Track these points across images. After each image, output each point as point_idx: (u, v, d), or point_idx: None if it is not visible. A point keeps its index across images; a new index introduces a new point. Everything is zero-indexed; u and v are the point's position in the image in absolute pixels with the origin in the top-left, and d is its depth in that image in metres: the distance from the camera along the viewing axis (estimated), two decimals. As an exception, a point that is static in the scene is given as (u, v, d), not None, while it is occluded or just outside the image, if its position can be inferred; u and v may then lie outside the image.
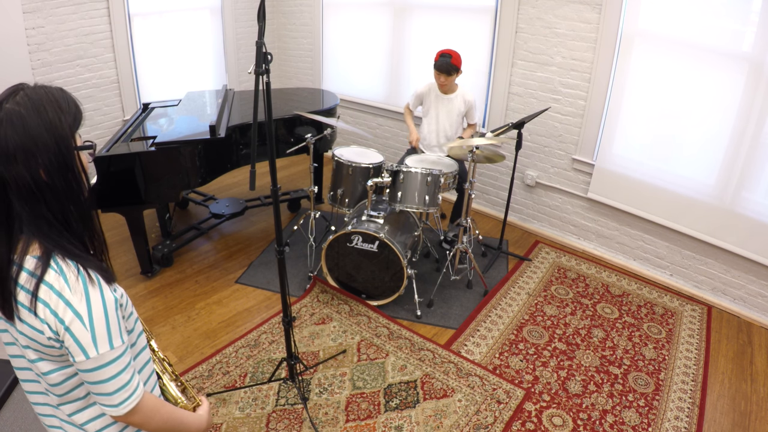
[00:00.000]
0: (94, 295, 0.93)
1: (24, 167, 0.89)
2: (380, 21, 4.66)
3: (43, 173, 0.91)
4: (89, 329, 0.92)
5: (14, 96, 0.91)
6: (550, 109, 3.73)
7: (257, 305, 3.12)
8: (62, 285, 0.91)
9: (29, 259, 0.93)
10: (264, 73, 1.75)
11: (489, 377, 2.62)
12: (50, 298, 0.91)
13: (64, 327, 0.91)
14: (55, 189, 0.93)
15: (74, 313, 0.91)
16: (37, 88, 0.94)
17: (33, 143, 0.89)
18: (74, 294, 0.91)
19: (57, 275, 0.92)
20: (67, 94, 0.99)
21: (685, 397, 2.56)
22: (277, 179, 2.00)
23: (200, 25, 4.91)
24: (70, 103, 0.97)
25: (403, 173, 2.99)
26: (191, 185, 3.22)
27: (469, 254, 3.27)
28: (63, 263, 0.93)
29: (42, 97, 0.93)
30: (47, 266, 0.92)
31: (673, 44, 3.13)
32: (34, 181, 0.90)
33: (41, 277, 0.91)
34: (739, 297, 3.26)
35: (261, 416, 2.34)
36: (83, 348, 0.92)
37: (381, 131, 5.01)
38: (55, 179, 0.92)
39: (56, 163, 0.92)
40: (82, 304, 0.91)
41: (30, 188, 0.90)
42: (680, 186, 3.33)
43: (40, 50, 3.71)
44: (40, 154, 0.90)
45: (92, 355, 0.92)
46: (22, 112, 0.89)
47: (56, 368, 0.98)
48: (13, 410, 1.61)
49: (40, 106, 0.91)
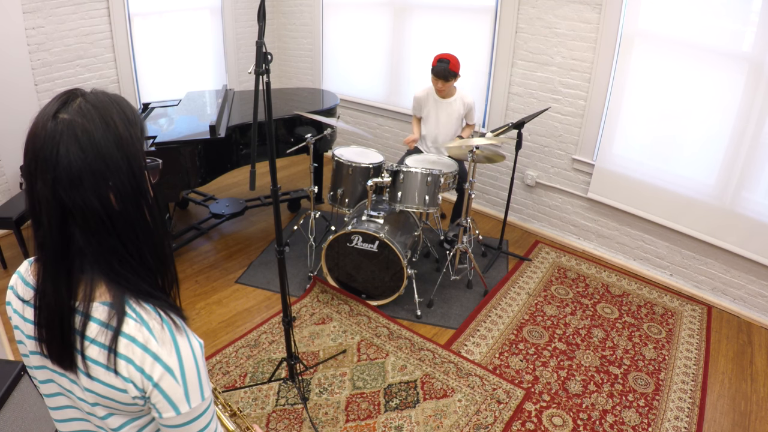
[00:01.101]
0: (183, 344, 0.80)
1: (92, 192, 0.73)
2: (380, 21, 4.66)
3: (114, 199, 0.76)
4: (181, 383, 0.79)
5: (71, 104, 0.75)
6: (550, 109, 3.73)
7: (257, 305, 3.12)
8: (147, 336, 0.77)
9: (98, 307, 0.78)
10: (264, 73, 1.75)
11: (489, 377, 2.62)
12: (134, 353, 0.76)
13: (153, 384, 0.77)
14: (129, 218, 0.78)
15: (164, 367, 0.77)
16: (97, 93, 0.78)
17: (103, 163, 0.74)
18: (162, 346, 0.77)
19: (138, 325, 0.77)
20: (129, 102, 0.83)
21: (685, 397, 2.56)
22: (277, 179, 2.00)
23: (200, 25, 4.91)
24: (135, 112, 0.81)
25: (403, 173, 2.99)
26: (191, 185, 3.22)
27: (469, 254, 3.27)
28: (141, 309, 0.79)
29: (107, 105, 0.77)
30: (123, 314, 0.77)
31: (673, 44, 3.13)
32: (105, 208, 0.75)
33: (118, 328, 0.76)
34: (739, 297, 3.26)
35: (261, 416, 2.34)
36: (174, 404, 0.79)
37: (381, 131, 5.01)
38: (128, 206, 0.77)
39: (129, 186, 0.77)
40: (172, 356, 0.78)
41: (100, 218, 0.74)
42: (680, 186, 3.33)
43: (40, 50, 3.71)
44: (111, 176, 0.74)
45: (184, 411, 0.80)
46: (86, 125, 0.73)
47: (128, 421, 0.85)
48: (13, 410, 1.61)
49: (107, 116, 0.75)
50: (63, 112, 0.74)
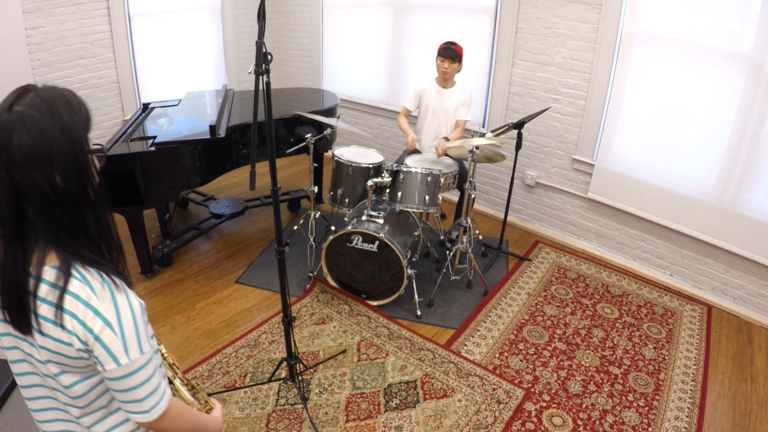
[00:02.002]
0: (122, 300, 0.91)
1: (40, 173, 0.85)
2: (380, 21, 4.66)
3: (59, 179, 0.87)
4: (120, 336, 0.89)
5: (24, 97, 0.87)
6: (550, 109, 3.73)
7: (257, 305, 3.12)
8: (88, 293, 0.88)
9: (48, 270, 0.89)
10: (264, 73, 1.75)
11: (489, 377, 2.62)
12: (77, 308, 0.88)
13: (94, 336, 0.88)
14: (72, 195, 0.89)
15: (103, 321, 0.88)
16: (47, 88, 0.91)
17: (48, 147, 0.85)
18: (102, 302, 0.89)
19: (81, 284, 0.89)
20: (77, 95, 0.95)
21: (685, 397, 2.56)
22: (277, 179, 2.00)
23: (200, 25, 4.91)
24: (81, 104, 0.94)
25: (403, 173, 2.99)
26: (191, 185, 3.22)
27: (469, 254, 3.27)
28: (85, 271, 0.90)
29: (54, 98, 0.89)
30: (69, 275, 0.88)
31: (673, 44, 3.13)
32: (51, 187, 0.86)
33: (65, 287, 0.88)
34: (739, 297, 3.26)
35: (261, 416, 2.34)
36: (114, 356, 0.89)
37: (381, 131, 5.01)
38: (71, 184, 0.89)
39: (72, 167, 0.88)
40: (111, 311, 0.89)
41: (46, 195, 0.86)
42: (680, 186, 3.33)
43: (40, 50, 3.71)
44: (56, 159, 0.86)
45: (123, 362, 0.90)
46: (35, 115, 0.85)
47: (80, 379, 0.95)
48: (13, 410, 1.61)
49: (54, 107, 0.87)
50: (17, 105, 0.86)
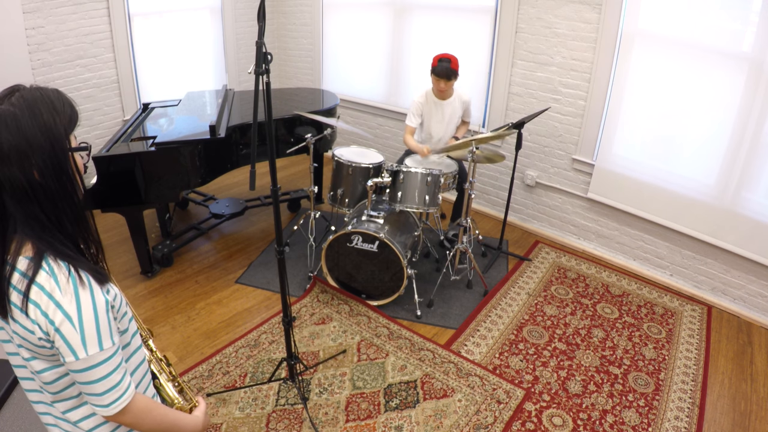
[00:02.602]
0: (84, 296, 0.93)
1: (18, 168, 0.90)
2: (380, 21, 4.66)
3: (37, 174, 0.91)
4: (78, 330, 0.92)
5: (9, 97, 0.92)
6: (550, 109, 3.73)
7: (257, 305, 3.12)
8: (53, 286, 0.92)
9: (22, 260, 0.94)
10: (264, 73, 1.75)
11: (489, 377, 2.62)
12: (41, 299, 0.91)
13: (54, 328, 0.91)
14: (49, 190, 0.93)
15: (64, 314, 0.91)
16: (32, 89, 0.94)
17: (27, 144, 0.90)
18: (64, 295, 0.92)
19: (48, 276, 0.92)
20: (63, 95, 0.98)
21: (685, 397, 2.56)
22: (277, 179, 2.00)
23: (200, 25, 4.91)
24: (65, 104, 0.97)
25: (403, 173, 2.99)
26: (191, 185, 3.22)
27: (469, 254, 3.27)
28: (54, 264, 0.93)
29: (37, 98, 0.93)
30: (39, 267, 0.92)
31: (673, 44, 3.13)
32: (28, 181, 0.91)
33: (32, 278, 0.92)
34: (739, 297, 3.26)
35: (261, 416, 2.34)
36: (73, 349, 0.92)
37: (381, 131, 5.01)
38: (48, 180, 0.92)
39: (50, 164, 0.92)
40: (71, 305, 0.92)
41: (24, 189, 0.91)
42: (680, 186, 3.33)
43: (40, 50, 3.71)
44: (34, 155, 0.90)
45: (81, 356, 0.93)
46: (16, 113, 0.90)
47: (49, 367, 0.98)
48: (13, 410, 1.61)
49: (35, 107, 0.92)
50: (1, 104, 0.91)
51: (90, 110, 4.18)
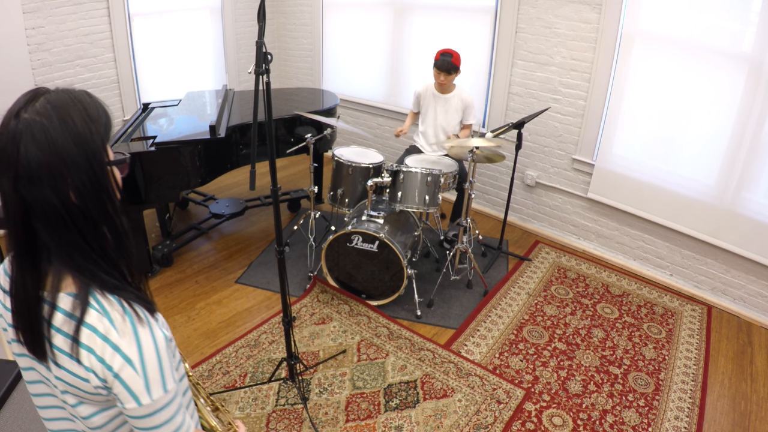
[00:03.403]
0: (144, 335, 0.80)
1: (51, 189, 0.74)
2: (380, 21, 4.66)
3: (74, 195, 0.77)
4: (142, 375, 0.80)
5: (33, 103, 0.75)
6: (550, 109, 3.73)
7: (257, 305, 3.12)
8: (107, 327, 0.79)
9: (63, 297, 0.80)
10: (264, 73, 1.75)
11: (489, 377, 2.62)
12: (95, 343, 0.78)
13: (113, 374, 0.79)
14: (89, 213, 0.78)
15: (124, 358, 0.79)
16: (59, 92, 0.78)
17: (60, 161, 0.74)
18: (122, 337, 0.79)
19: (100, 316, 0.79)
20: (95, 98, 0.83)
21: (685, 397, 2.56)
22: (277, 179, 2.00)
23: (200, 25, 4.91)
24: (99, 109, 0.82)
25: (403, 173, 2.99)
26: (191, 185, 3.22)
27: (469, 254, 3.27)
28: (104, 300, 0.80)
29: (67, 103, 0.77)
30: (87, 305, 0.79)
31: (673, 44, 3.13)
32: (64, 204, 0.76)
33: (81, 318, 0.78)
34: (739, 297, 3.26)
35: (261, 416, 2.34)
36: (135, 395, 0.80)
37: (381, 131, 5.01)
38: (87, 201, 0.78)
39: (88, 182, 0.77)
40: (132, 347, 0.79)
41: (59, 214, 0.76)
42: (680, 186, 3.33)
43: (40, 50, 3.71)
44: (69, 174, 0.75)
45: (145, 402, 0.81)
46: (44, 124, 0.74)
47: (98, 411, 0.86)
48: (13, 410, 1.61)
49: (66, 115, 0.76)
50: (25, 112, 0.75)
51: (90, 110, 4.18)
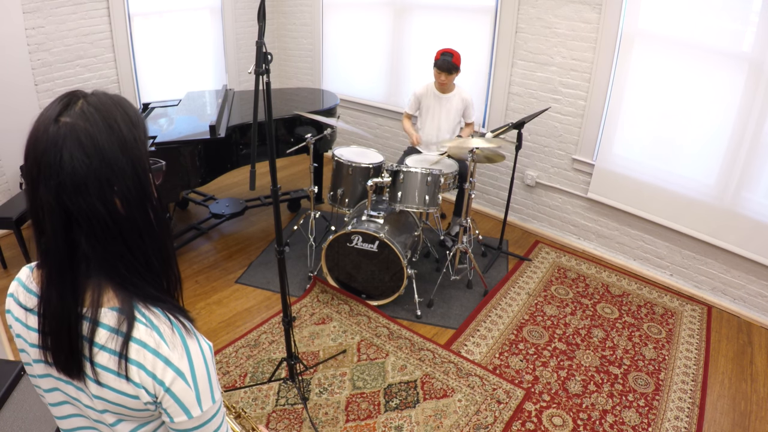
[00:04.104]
0: (194, 348, 0.79)
1: (97, 198, 0.71)
2: (380, 21, 4.66)
3: (120, 203, 0.74)
4: (193, 387, 0.78)
5: (73, 106, 0.72)
6: (550, 109, 3.73)
7: (257, 305, 3.12)
8: (158, 341, 0.76)
9: (106, 313, 0.76)
10: (264, 73, 1.75)
11: (489, 377, 2.62)
12: (145, 359, 0.75)
13: (165, 389, 0.77)
14: (135, 222, 0.76)
15: (176, 372, 0.77)
16: (99, 95, 0.76)
17: (108, 167, 0.71)
18: (173, 350, 0.77)
19: (148, 329, 0.76)
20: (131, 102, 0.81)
21: (685, 397, 2.56)
22: (277, 179, 2.00)
23: (200, 25, 4.91)
24: (138, 113, 0.79)
25: (403, 173, 2.99)
26: (191, 185, 3.22)
27: (469, 254, 3.27)
28: (149, 313, 0.78)
29: (110, 108, 0.74)
30: (134, 319, 0.76)
31: (673, 44, 3.13)
32: (110, 213, 0.73)
33: (129, 333, 0.75)
34: (739, 297, 3.26)
35: (261, 416, 2.34)
36: (186, 408, 0.78)
37: (381, 131, 5.01)
38: (134, 210, 0.75)
39: (134, 190, 0.75)
40: (183, 360, 0.77)
41: (105, 223, 0.73)
42: (680, 186, 3.33)
43: (40, 50, 3.71)
44: (116, 181, 0.73)
45: (195, 414, 0.79)
46: (90, 129, 0.71)
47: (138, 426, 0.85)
48: (13, 410, 1.61)
49: (111, 119, 0.73)
50: (65, 116, 0.71)
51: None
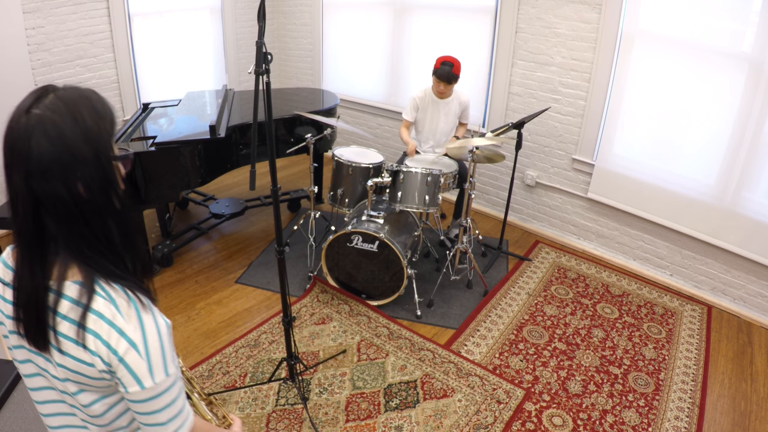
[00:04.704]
0: (148, 321, 0.85)
1: (61, 183, 0.79)
2: (380, 21, 4.66)
3: (83, 188, 0.81)
4: (145, 358, 0.84)
5: (43, 99, 0.81)
6: (550, 109, 3.73)
7: (257, 305, 3.12)
8: (113, 312, 0.83)
9: (70, 286, 0.84)
10: (264, 73, 1.75)
11: (489, 377, 2.62)
12: (101, 328, 0.82)
13: (118, 358, 0.83)
14: (96, 205, 0.83)
15: (128, 342, 0.83)
16: (69, 89, 0.84)
17: (71, 156, 0.79)
18: (128, 321, 0.83)
19: (106, 302, 0.83)
20: (101, 96, 0.88)
21: (685, 397, 2.56)
22: (277, 179, 2.00)
23: (200, 25, 4.91)
24: (106, 105, 0.87)
25: (403, 173, 2.99)
26: (191, 185, 3.22)
27: (469, 254, 3.27)
28: (109, 288, 0.85)
29: (76, 100, 0.82)
30: (93, 292, 0.83)
31: (673, 44, 3.13)
32: (73, 197, 0.80)
33: (88, 304, 0.82)
34: (739, 297, 3.26)
35: (261, 416, 2.34)
36: (138, 378, 0.84)
37: (381, 131, 5.01)
38: (96, 195, 0.83)
39: (97, 176, 0.82)
40: (137, 331, 0.84)
41: (68, 206, 0.80)
42: (680, 186, 3.33)
43: (40, 50, 3.71)
44: (79, 168, 0.80)
45: (148, 385, 0.85)
46: (56, 119, 0.79)
47: (98, 398, 0.91)
48: (13, 410, 1.61)
49: (76, 111, 0.81)
50: (35, 108, 0.79)
51: (90, 110, 4.18)
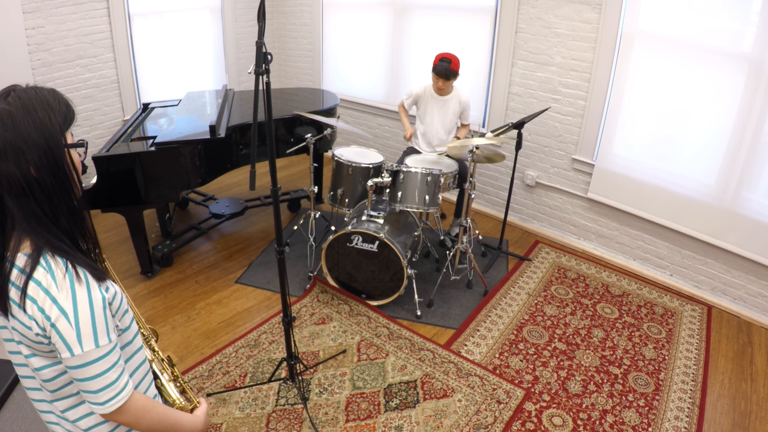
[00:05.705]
0: (81, 292, 0.95)
1: (14, 164, 0.92)
2: (380, 21, 4.66)
3: (33, 170, 0.94)
4: (74, 326, 0.93)
5: (6, 97, 0.95)
6: (550, 109, 3.73)
7: (257, 305, 3.12)
8: (49, 282, 0.93)
9: (20, 257, 0.96)
10: (264, 73, 1.75)
11: (489, 377, 2.62)
12: (38, 295, 0.93)
13: (50, 324, 0.93)
14: (45, 186, 0.95)
15: (60, 310, 0.93)
16: (28, 89, 0.97)
17: (23, 141, 0.92)
18: (60, 291, 0.93)
19: (45, 272, 0.94)
20: (59, 94, 1.01)
21: (685, 397, 2.56)
22: (277, 179, 2.00)
23: (200, 25, 4.91)
24: (61, 102, 1.00)
25: (403, 173, 2.99)
26: (191, 185, 3.22)
27: (469, 254, 3.27)
28: (52, 260, 0.95)
29: (32, 96, 0.96)
30: (36, 263, 0.94)
31: (673, 44, 3.13)
32: (24, 178, 0.93)
33: (30, 273, 0.93)
34: (739, 297, 3.26)
35: (261, 416, 2.34)
36: (68, 345, 0.93)
37: (381, 131, 5.01)
38: (45, 176, 0.95)
39: (46, 160, 0.94)
40: (67, 301, 0.93)
41: (20, 185, 0.93)
42: (680, 186, 3.33)
43: (40, 50, 3.71)
44: (30, 152, 0.93)
45: (77, 353, 0.94)
46: (11, 111, 0.92)
47: (47, 364, 1.00)
48: (13, 410, 1.61)
49: (30, 105, 0.94)
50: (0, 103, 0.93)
51: (90, 110, 4.18)
